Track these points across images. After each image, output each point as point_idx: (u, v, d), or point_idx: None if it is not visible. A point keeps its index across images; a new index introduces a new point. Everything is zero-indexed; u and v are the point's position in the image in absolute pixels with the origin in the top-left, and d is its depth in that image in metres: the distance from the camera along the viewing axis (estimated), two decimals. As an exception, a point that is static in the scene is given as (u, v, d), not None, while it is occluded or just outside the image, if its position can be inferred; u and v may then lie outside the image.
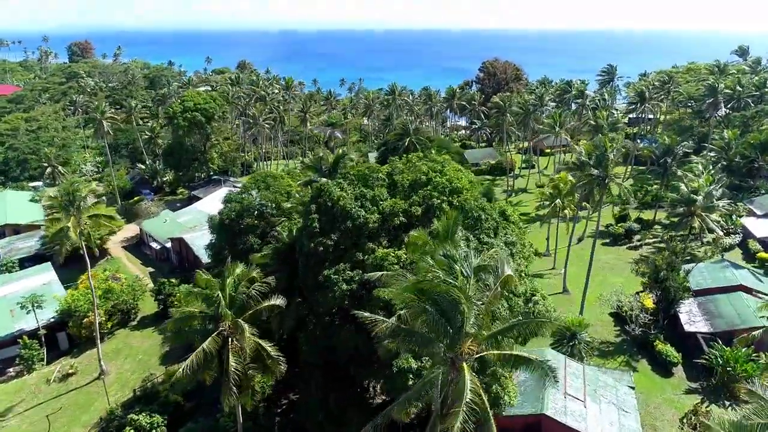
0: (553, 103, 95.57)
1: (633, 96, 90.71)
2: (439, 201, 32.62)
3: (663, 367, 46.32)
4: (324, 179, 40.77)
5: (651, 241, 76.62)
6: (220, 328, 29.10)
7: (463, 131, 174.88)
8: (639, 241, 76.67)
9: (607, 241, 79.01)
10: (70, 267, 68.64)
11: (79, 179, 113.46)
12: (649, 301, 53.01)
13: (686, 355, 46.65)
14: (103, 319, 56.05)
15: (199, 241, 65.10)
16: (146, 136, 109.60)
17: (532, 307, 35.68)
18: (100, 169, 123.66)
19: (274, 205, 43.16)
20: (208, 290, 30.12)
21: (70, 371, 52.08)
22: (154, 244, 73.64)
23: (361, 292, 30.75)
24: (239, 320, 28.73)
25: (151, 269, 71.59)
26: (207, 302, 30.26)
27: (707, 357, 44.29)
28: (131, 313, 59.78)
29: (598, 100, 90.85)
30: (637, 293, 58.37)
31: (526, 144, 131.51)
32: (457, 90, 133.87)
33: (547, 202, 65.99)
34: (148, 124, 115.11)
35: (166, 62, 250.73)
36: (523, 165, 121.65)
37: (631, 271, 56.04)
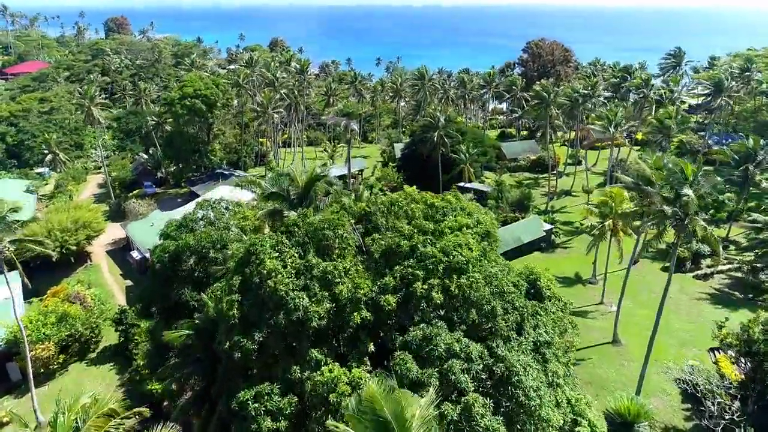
0: (608, 93, 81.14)
1: (707, 85, 75.47)
2: (425, 288, 21.20)
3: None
4: (290, 214, 29.87)
5: (725, 268, 62.66)
6: None
7: (503, 117, 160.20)
8: (709, 267, 62.81)
9: (667, 264, 65.34)
10: (49, 272, 61.03)
11: (78, 168, 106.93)
12: (731, 370, 40.24)
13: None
14: (53, 352, 47.40)
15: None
16: (153, 122, 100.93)
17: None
18: (115, 153, 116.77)
19: (219, 246, 32.85)
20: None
21: (5, 419, 43.66)
22: (135, 253, 64.86)
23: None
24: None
25: (129, 282, 62.90)
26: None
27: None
28: (91, 343, 51.01)
29: (664, 92, 75.92)
30: (713, 351, 45.54)
31: (572, 134, 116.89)
32: (497, 74, 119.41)
33: (596, 221, 53.11)
34: (157, 109, 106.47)
35: (196, 38, 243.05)
36: (569, 161, 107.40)
37: (712, 338, 43.11)
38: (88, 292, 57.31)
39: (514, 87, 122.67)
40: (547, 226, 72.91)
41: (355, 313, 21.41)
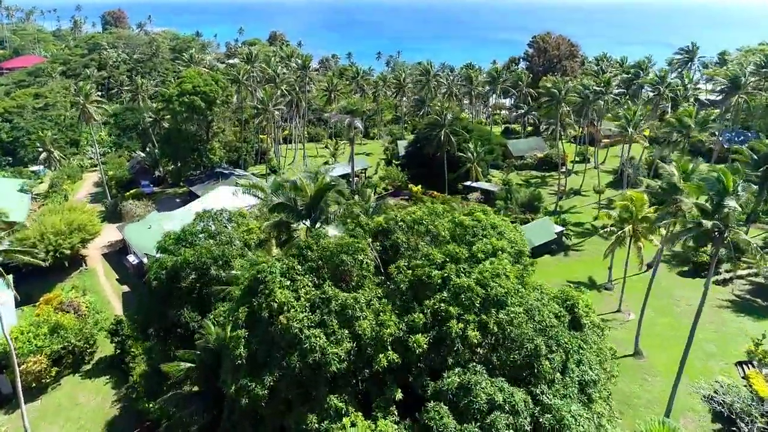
0: (619, 89, 78.34)
1: (722, 82, 72.86)
2: (461, 326, 18.65)
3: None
4: (300, 225, 27.40)
5: (744, 273, 60.33)
6: None
7: (506, 112, 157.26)
8: (728, 272, 60.43)
9: (686, 269, 63.10)
10: (42, 276, 58.60)
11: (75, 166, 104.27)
12: (763, 386, 37.99)
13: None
14: (46, 365, 45.02)
15: (176, 261, 53.20)
16: (150, 119, 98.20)
17: None
18: (112, 150, 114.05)
19: (222, 262, 30.35)
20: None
21: (-6, 438, 41.43)
22: (132, 258, 62.40)
23: None
24: None
25: (126, 288, 60.45)
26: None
27: None
28: (86, 354, 48.61)
29: (680, 89, 73.12)
30: (741, 365, 43.30)
31: (578, 130, 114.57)
32: (504, 70, 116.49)
33: (613, 227, 50.66)
34: (154, 105, 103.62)
35: (195, 32, 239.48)
36: (577, 159, 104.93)
37: (747, 355, 40.77)
38: (83, 299, 54.95)
39: (520, 82, 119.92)
40: (558, 228, 70.50)
41: (381, 355, 18.94)
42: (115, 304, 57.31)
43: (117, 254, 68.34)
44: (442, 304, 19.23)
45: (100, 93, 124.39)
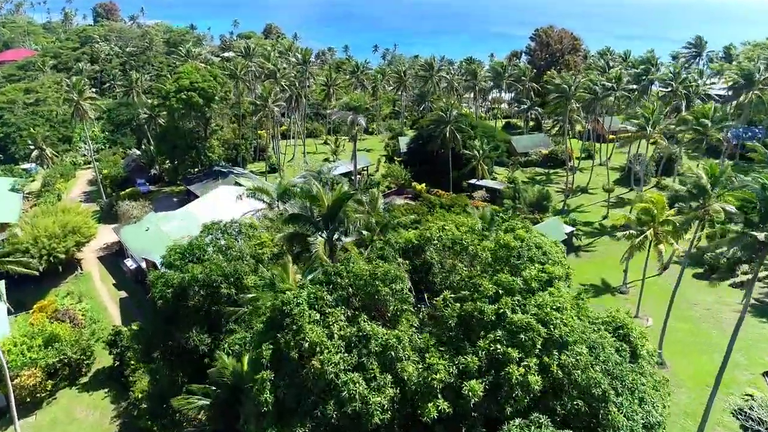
0: (630, 86, 76.32)
1: (735, 78, 71.01)
2: (521, 371, 16.46)
3: None
4: (317, 239, 25.18)
5: (762, 275, 58.60)
6: None
7: (506, 105, 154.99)
8: (745, 274, 58.72)
9: (701, 271, 61.43)
10: (36, 282, 56.06)
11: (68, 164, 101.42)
12: (796, 401, 36.34)
13: None
14: (41, 379, 42.79)
15: (177, 266, 50.94)
16: (145, 115, 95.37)
17: None
18: (105, 147, 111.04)
19: (233, 280, 28.12)
20: None
21: (-14, 457, 39.32)
22: (129, 262, 60.04)
23: None
24: None
25: (123, 294, 58.12)
26: None
27: None
28: (83, 366, 46.38)
29: (692, 86, 71.07)
30: (768, 376, 41.70)
31: (585, 126, 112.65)
32: (508, 65, 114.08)
33: (632, 230, 48.75)
34: (149, 101, 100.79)
35: (189, 25, 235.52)
36: (583, 155, 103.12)
37: None
38: (79, 307, 52.72)
39: (523, 77, 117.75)
40: (568, 229, 68.66)
41: (429, 404, 16.83)
42: (112, 310, 55.04)
43: (113, 257, 65.95)
44: (499, 346, 17.03)
45: (94, 89, 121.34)
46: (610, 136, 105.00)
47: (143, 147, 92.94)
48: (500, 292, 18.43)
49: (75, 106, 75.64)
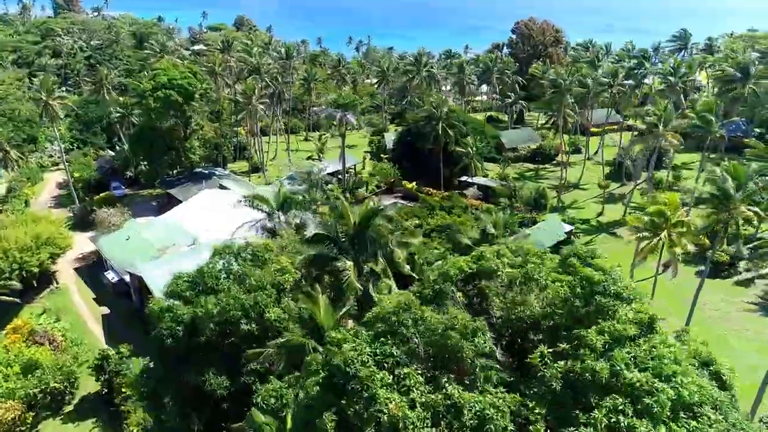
0: (629, 81, 75.11)
1: (731, 71, 70.23)
2: None
3: None
4: (345, 264, 22.37)
5: (765, 272, 58.24)
6: None
7: (485, 98, 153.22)
8: (749, 271, 58.34)
9: (703, 268, 60.54)
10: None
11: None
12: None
13: None
14: (20, 411, 38.89)
15: (164, 279, 47.16)
16: (118, 114, 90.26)
17: None
18: (74, 147, 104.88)
19: (254, 314, 24.93)
20: None
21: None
22: (111, 274, 55.93)
23: None
24: None
25: (105, 310, 54.03)
26: None
27: None
28: (66, 393, 42.55)
29: (688, 78, 70.29)
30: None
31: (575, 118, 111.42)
32: (497, 59, 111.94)
33: (646, 233, 47.26)
34: (121, 99, 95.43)
35: (156, 16, 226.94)
36: (570, 149, 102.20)
37: None
38: (58, 326, 48.64)
39: (506, 70, 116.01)
40: (568, 227, 67.24)
41: None
42: (95, 329, 51.01)
43: (91, 268, 61.54)
44: (621, 417, 14.34)
45: (63, 89, 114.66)
46: (593, 129, 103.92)
47: (117, 148, 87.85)
48: (610, 342, 15.76)
49: (44, 107, 70.44)
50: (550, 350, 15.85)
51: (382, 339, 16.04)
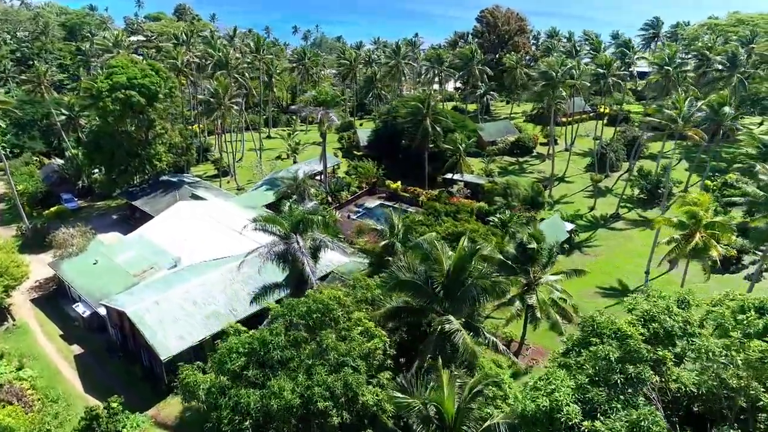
0: (620, 71, 73.36)
1: (720, 61, 69.68)
2: None
3: None
4: (454, 323, 17.76)
5: (770, 264, 57.79)
6: None
7: (451, 89, 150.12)
8: (754, 265, 57.73)
9: (711, 263, 59.66)
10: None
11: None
12: None
13: None
14: (-8, 493, 32.00)
15: (153, 315, 40.80)
16: (63, 116, 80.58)
17: None
18: (9, 153, 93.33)
19: (345, 400, 19.15)
20: None
21: None
22: (80, 308, 48.46)
23: None
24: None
25: (78, 349, 46.64)
26: None
27: None
28: (46, 459, 35.70)
29: (684, 71, 69.11)
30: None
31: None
32: (476, 50, 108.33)
33: (677, 235, 45.08)
34: (65, 99, 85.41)
35: (87, 6, 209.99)
36: (544, 141, 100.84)
37: None
38: (24, 376, 41.10)
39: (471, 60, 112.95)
40: (569, 226, 65.04)
41: None
42: (68, 374, 43.67)
43: (52, 298, 53.54)
44: None
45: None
46: (565, 119, 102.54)
47: (67, 154, 78.37)
48: None
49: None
50: None
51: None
